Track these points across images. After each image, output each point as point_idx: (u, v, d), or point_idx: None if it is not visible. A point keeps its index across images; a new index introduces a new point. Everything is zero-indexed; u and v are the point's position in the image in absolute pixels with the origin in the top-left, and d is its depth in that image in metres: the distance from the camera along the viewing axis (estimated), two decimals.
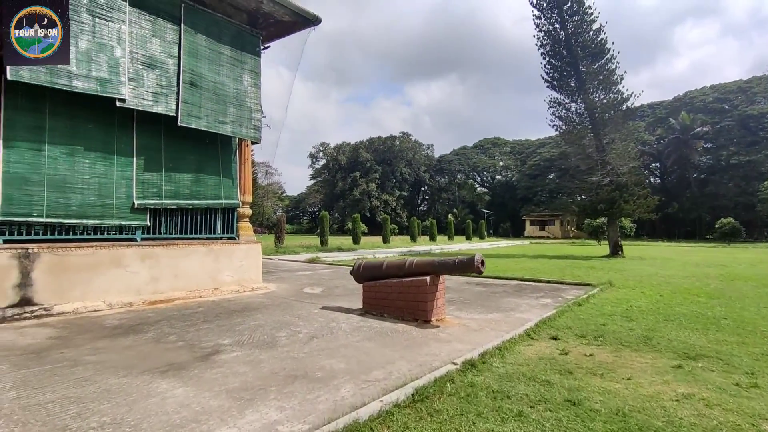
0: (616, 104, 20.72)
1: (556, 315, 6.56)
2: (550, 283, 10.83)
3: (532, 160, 72.84)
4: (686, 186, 53.29)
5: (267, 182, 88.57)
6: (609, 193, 20.12)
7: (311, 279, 11.40)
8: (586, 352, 4.71)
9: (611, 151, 20.88)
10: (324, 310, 6.98)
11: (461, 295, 8.84)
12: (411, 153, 79.88)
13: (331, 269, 14.20)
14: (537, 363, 4.32)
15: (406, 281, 6.23)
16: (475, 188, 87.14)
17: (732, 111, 50.05)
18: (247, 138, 8.83)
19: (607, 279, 11.18)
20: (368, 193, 73.90)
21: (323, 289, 9.46)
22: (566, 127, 22.41)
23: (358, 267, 6.91)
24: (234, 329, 5.63)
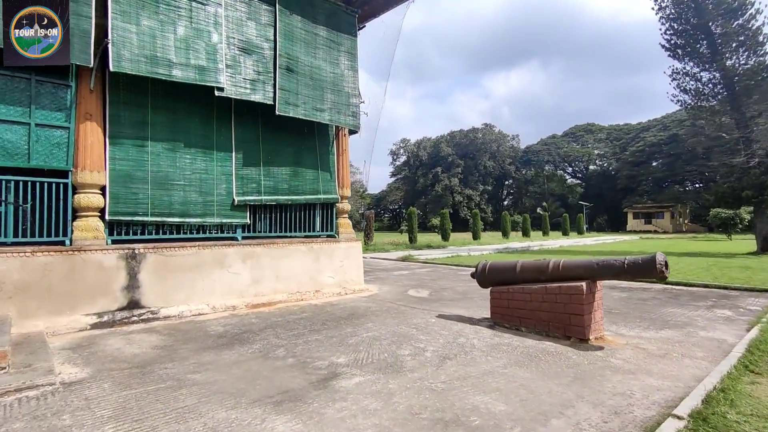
0: (763, 69, 17.00)
1: (763, 336, 4.81)
2: (708, 287, 8.71)
3: (634, 146, 65.54)
4: None
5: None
6: (758, 177, 16.56)
7: (412, 279, 10.44)
8: None
9: (758, 127, 17.20)
10: (442, 320, 5.92)
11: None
12: (495, 145, 76.33)
13: (428, 268, 13.16)
14: None
15: (552, 287, 4.93)
16: (565, 180, 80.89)
17: None
18: (345, 125, 8.07)
19: None
20: (450, 189, 72.00)
21: (430, 292, 8.42)
22: (696, 101, 18.96)
23: (483, 269, 5.74)
24: (346, 342, 4.78)
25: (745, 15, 17.11)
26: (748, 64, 17.34)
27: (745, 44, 17.27)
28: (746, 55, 17.43)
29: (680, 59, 19.26)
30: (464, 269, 12.73)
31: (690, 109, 19.63)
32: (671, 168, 60.70)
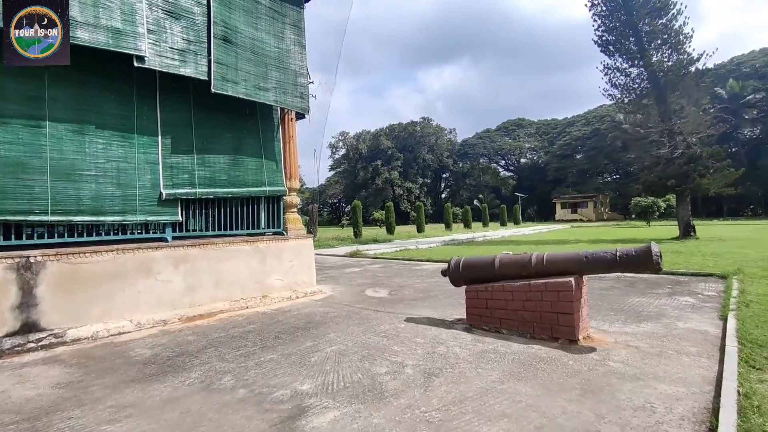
0: (683, 66, 18.25)
1: (739, 326, 4.71)
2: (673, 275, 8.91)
3: (561, 140, 69.64)
4: (732, 160, 49.58)
5: None
6: (681, 167, 17.80)
7: (366, 278, 9.75)
8: None
9: (681, 119, 18.48)
10: (412, 324, 5.30)
11: None
12: (433, 138, 77.53)
13: (379, 264, 12.55)
14: None
15: (537, 284, 4.48)
16: (498, 172, 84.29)
17: None
18: (293, 108, 7.15)
19: (723, 266, 9.21)
20: (391, 182, 72.13)
21: (389, 292, 7.79)
22: (625, 96, 20.01)
23: (456, 265, 5.19)
24: (309, 361, 4.00)
25: (668, 14, 18.25)
26: (671, 60, 18.55)
27: (668, 42, 18.43)
28: (669, 52, 18.63)
29: (611, 55, 20.23)
30: (418, 264, 12.27)
31: (620, 102, 20.72)
32: (593, 161, 65.23)
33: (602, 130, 62.22)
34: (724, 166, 18.24)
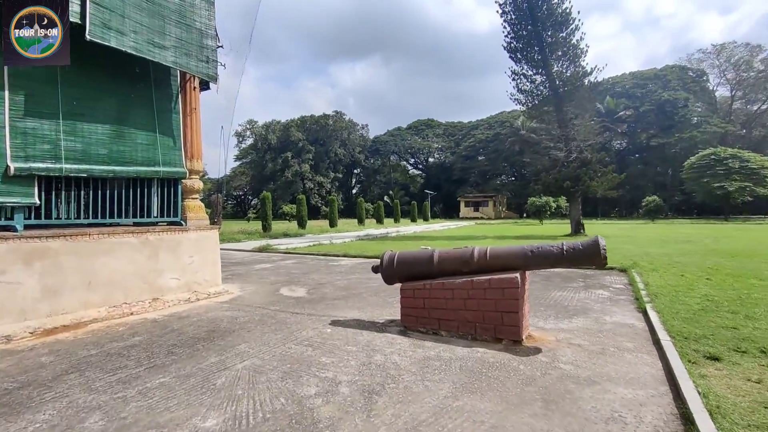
0: (579, 77, 19.97)
1: (661, 318, 4.83)
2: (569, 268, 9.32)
3: (466, 142, 73.52)
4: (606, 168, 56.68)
5: None
6: (575, 170, 19.47)
7: (279, 275, 8.81)
8: None
9: (575, 127, 20.21)
10: (340, 329, 4.63)
11: None
12: (345, 133, 76.88)
13: (293, 259, 11.61)
14: None
15: (480, 281, 4.09)
16: (407, 170, 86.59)
17: (650, 96, 53.70)
18: (197, 74, 5.98)
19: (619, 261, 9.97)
20: (302, 175, 70.06)
21: (307, 290, 7.01)
22: (529, 101, 21.34)
23: (390, 261, 4.63)
24: (213, 384, 3.13)
25: (568, 28, 19.80)
26: (569, 72, 20.19)
27: (567, 54, 20.03)
28: (567, 64, 20.26)
29: (518, 62, 21.43)
30: (335, 259, 11.57)
31: (526, 107, 22.07)
32: (494, 163, 69.96)
33: (502, 135, 67.01)
34: (609, 170, 20.40)
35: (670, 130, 51.01)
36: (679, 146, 49.62)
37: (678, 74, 55.39)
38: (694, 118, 52.53)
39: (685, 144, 49.56)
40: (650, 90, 55.42)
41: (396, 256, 4.66)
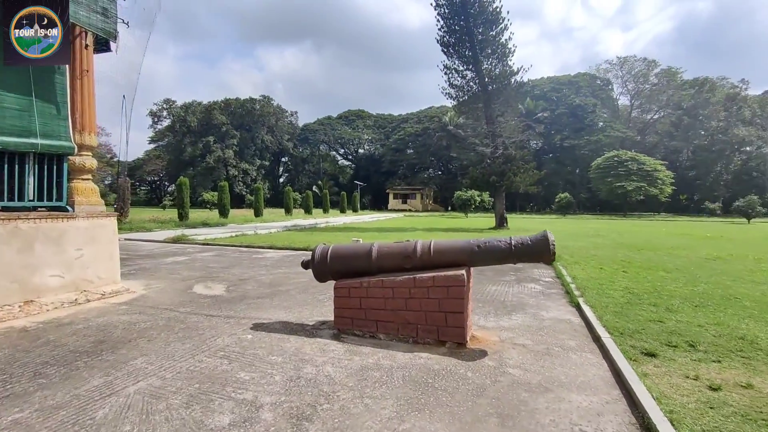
0: (507, 76, 20.64)
1: (596, 314, 4.84)
2: None
3: (396, 135, 74.13)
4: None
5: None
6: (500, 166, 20.16)
7: (194, 269, 7.85)
8: (730, 379, 3.03)
9: (501, 124, 20.90)
10: (263, 333, 4.02)
11: None
12: (273, 119, 73.76)
13: (212, 251, 10.55)
14: (726, 420, 2.42)
15: (424, 278, 3.72)
16: (337, 160, 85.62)
17: (564, 100, 58.02)
18: (89, 28, 4.90)
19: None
20: (225, 161, 66.11)
21: (227, 287, 6.23)
22: (461, 96, 21.65)
23: (323, 256, 4.10)
24: (89, 417, 2.41)
25: (498, 27, 20.31)
26: (497, 69, 20.78)
27: (496, 52, 20.58)
28: (497, 62, 20.83)
29: (450, 56, 21.62)
30: (259, 252, 10.71)
31: (457, 101, 22.37)
32: (422, 157, 71.43)
33: (430, 129, 68.54)
34: (531, 167, 21.44)
35: (580, 133, 55.55)
36: (587, 148, 54.26)
37: (588, 81, 60.41)
38: (600, 123, 57.66)
39: (592, 146, 54.29)
40: (564, 94, 59.85)
41: (330, 250, 4.13)
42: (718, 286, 6.59)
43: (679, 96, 55.15)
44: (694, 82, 54.65)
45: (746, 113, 49.04)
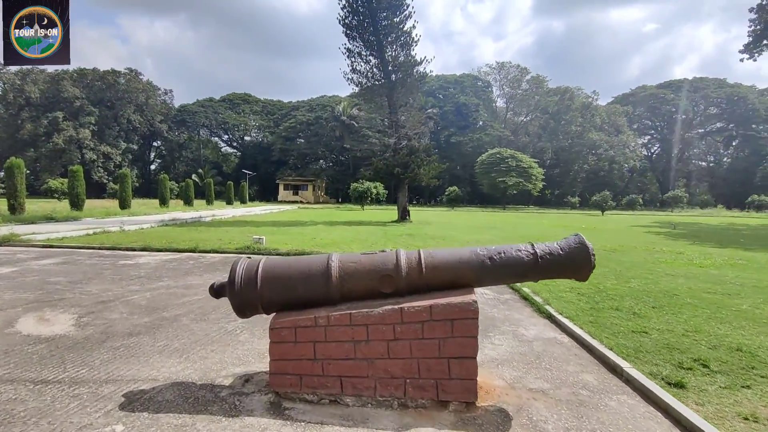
0: (410, 65, 20.12)
1: (577, 327, 4.10)
2: None
3: (287, 123, 70.53)
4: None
5: None
6: (404, 157, 19.61)
7: (24, 287, 5.42)
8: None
9: (403, 114, 20.37)
10: (144, 418, 2.36)
11: None
12: (143, 96, 64.48)
13: (56, 258, 7.83)
14: None
15: (414, 309, 2.47)
16: (219, 147, 78.73)
17: (451, 98, 60.94)
18: None
19: None
20: (79, 143, 55.88)
21: (79, 317, 4.17)
22: (364, 83, 20.53)
23: (250, 277, 2.58)
24: None
25: (402, 14, 19.63)
26: (401, 58, 20.13)
27: (400, 40, 19.91)
28: (400, 50, 20.17)
29: (353, 39, 20.37)
30: (129, 256, 8.28)
31: (359, 87, 21.20)
32: (314, 147, 69.18)
33: (323, 119, 66.61)
34: (434, 159, 21.35)
35: (464, 130, 58.95)
36: (470, 145, 57.82)
37: (471, 82, 64.37)
38: (481, 122, 61.94)
39: (475, 143, 58.02)
40: (451, 93, 62.92)
41: (260, 268, 2.63)
42: (646, 281, 6.51)
43: (545, 101, 61.78)
44: (557, 90, 61.67)
45: (597, 120, 56.99)
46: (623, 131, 58.03)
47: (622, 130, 58.08)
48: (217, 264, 7.57)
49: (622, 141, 56.86)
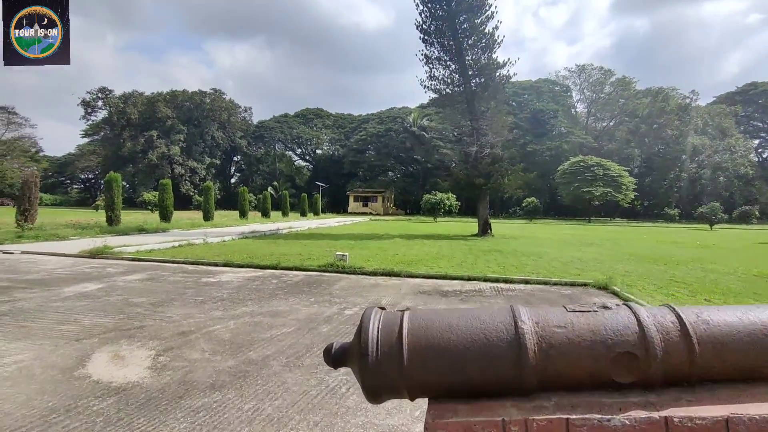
0: (492, 68, 18.81)
1: None
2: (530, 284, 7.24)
3: (358, 135, 71.57)
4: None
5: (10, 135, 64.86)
6: (487, 167, 18.25)
7: (106, 310, 5.01)
8: None
9: (486, 121, 19.04)
10: None
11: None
12: (225, 114, 69.01)
13: (143, 272, 7.63)
14: None
15: (694, 423, 1.31)
16: (293, 161, 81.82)
17: (527, 105, 58.05)
18: None
19: (576, 273, 8.32)
20: (170, 158, 60.81)
21: (155, 356, 3.53)
22: (442, 89, 19.55)
23: (390, 342, 1.53)
24: None
25: (483, 15, 18.45)
26: (483, 61, 18.90)
27: (482, 42, 18.70)
28: (481, 53, 18.95)
29: (431, 45, 19.54)
30: (211, 272, 7.90)
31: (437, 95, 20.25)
32: (383, 158, 69.35)
33: (392, 131, 66.62)
34: (519, 168, 19.73)
35: (541, 138, 55.65)
36: (547, 153, 54.37)
37: (549, 87, 60.92)
38: (562, 128, 58.18)
39: (552, 152, 54.49)
40: (526, 100, 59.96)
41: (406, 328, 1.63)
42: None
43: (633, 104, 56.66)
44: (647, 92, 56.34)
45: (699, 122, 50.98)
46: (730, 134, 51.33)
47: (729, 132, 51.39)
48: (302, 284, 6.88)
49: (728, 145, 50.27)
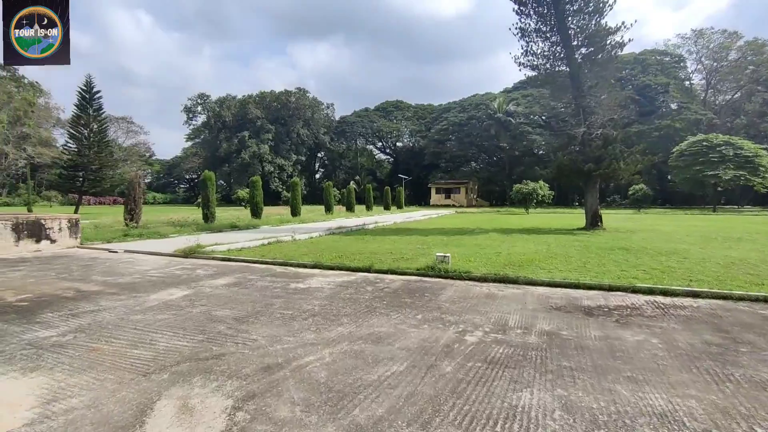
0: (602, 36, 16.17)
1: None
2: (702, 297, 5.40)
3: (439, 125, 69.55)
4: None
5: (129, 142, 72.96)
6: (597, 150, 15.81)
7: (186, 326, 4.32)
8: None
9: (594, 97, 16.50)
10: None
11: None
12: (309, 112, 71.09)
13: (230, 276, 7.10)
14: None
15: None
16: (374, 155, 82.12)
17: (630, 81, 51.69)
18: None
19: (728, 278, 6.21)
20: (260, 157, 64.07)
21: (232, 406, 2.61)
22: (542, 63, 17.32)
23: None
24: None
25: None
26: (591, 28, 16.37)
27: (589, 6, 16.16)
28: (588, 18, 16.41)
29: (526, 16, 17.39)
30: (300, 275, 7.15)
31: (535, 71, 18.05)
32: (466, 148, 66.60)
33: (475, 119, 63.57)
34: (636, 150, 16.89)
35: (648, 117, 49.14)
36: (656, 134, 47.85)
37: (657, 59, 53.64)
38: (674, 105, 50.99)
39: (662, 132, 47.86)
40: (628, 75, 53.42)
41: None
42: None
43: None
44: None
45: None
46: None
47: None
48: (401, 293, 5.80)
49: None
